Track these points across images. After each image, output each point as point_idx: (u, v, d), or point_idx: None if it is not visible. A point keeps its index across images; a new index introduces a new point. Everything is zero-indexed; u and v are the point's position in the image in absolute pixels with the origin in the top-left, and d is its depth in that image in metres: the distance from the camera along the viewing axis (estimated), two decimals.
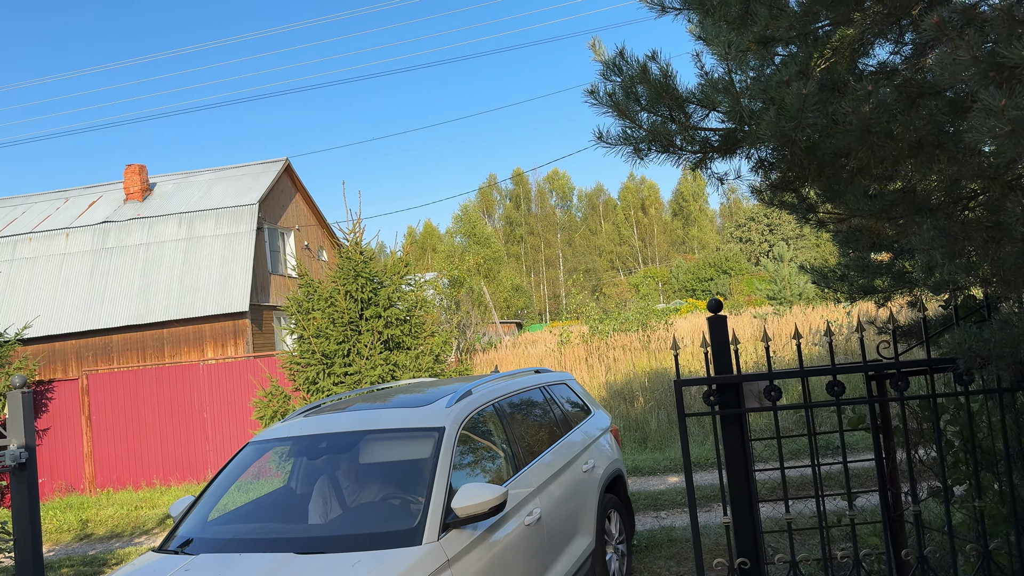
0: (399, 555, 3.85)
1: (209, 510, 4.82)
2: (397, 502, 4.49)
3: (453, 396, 5.07)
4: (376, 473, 4.82)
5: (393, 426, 4.85)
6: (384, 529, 4.18)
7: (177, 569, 4.01)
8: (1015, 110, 2.04)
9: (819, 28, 3.88)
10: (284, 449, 5.23)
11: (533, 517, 4.91)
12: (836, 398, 4.23)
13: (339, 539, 4.15)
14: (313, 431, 5.02)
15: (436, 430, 4.64)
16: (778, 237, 72.25)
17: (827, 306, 26.71)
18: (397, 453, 4.78)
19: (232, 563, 3.99)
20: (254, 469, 5.22)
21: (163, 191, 27.34)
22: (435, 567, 3.87)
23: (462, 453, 4.72)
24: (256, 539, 4.39)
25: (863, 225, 4.34)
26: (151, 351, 23.28)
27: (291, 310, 11.47)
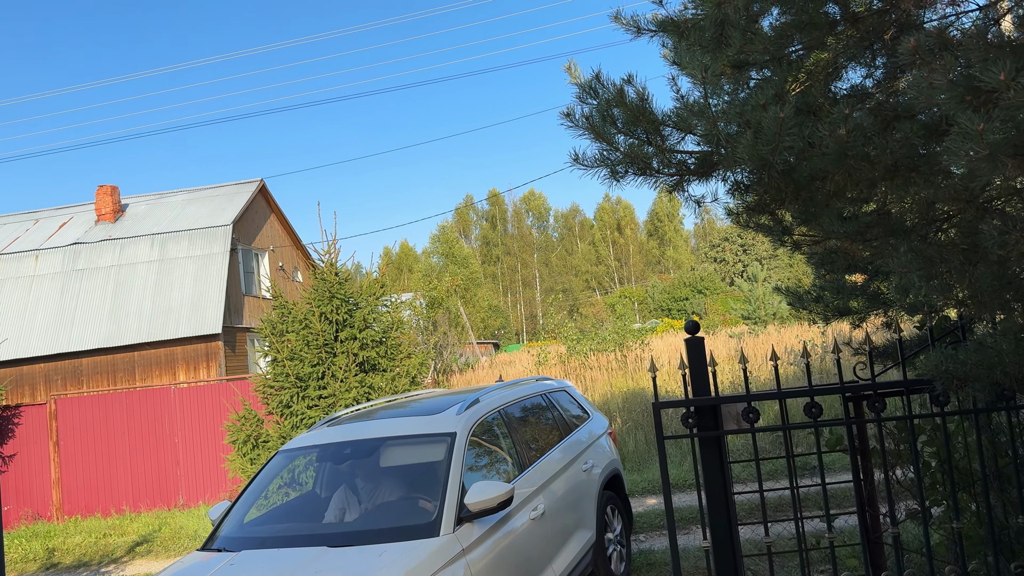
0: (419, 545, 4.31)
1: (244, 513, 5.27)
2: (414, 498, 4.92)
3: (462, 404, 5.56)
4: (396, 475, 5.26)
5: (409, 432, 5.35)
6: (405, 523, 4.64)
7: (223, 564, 4.41)
8: (993, 134, 2.04)
9: (792, 52, 3.91)
10: (312, 456, 5.65)
11: (538, 512, 5.36)
12: (814, 420, 4.22)
13: (366, 533, 4.57)
14: (337, 439, 5.52)
15: (448, 435, 5.12)
16: (751, 257, 72.98)
17: (801, 325, 26.93)
18: (414, 456, 5.24)
19: (272, 556, 4.41)
20: (284, 475, 5.75)
21: (136, 212, 27.03)
22: (451, 556, 4.33)
23: (472, 455, 5.18)
24: (291, 536, 4.80)
25: (838, 247, 4.36)
26: (122, 374, 22.88)
27: (265, 332, 11.32)
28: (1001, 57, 2.11)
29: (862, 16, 3.24)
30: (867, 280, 5.42)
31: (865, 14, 3.27)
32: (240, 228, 25.36)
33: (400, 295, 30.74)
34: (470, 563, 4.42)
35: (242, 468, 10.72)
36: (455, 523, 4.54)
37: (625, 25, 3.77)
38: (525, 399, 6.47)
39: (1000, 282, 3.01)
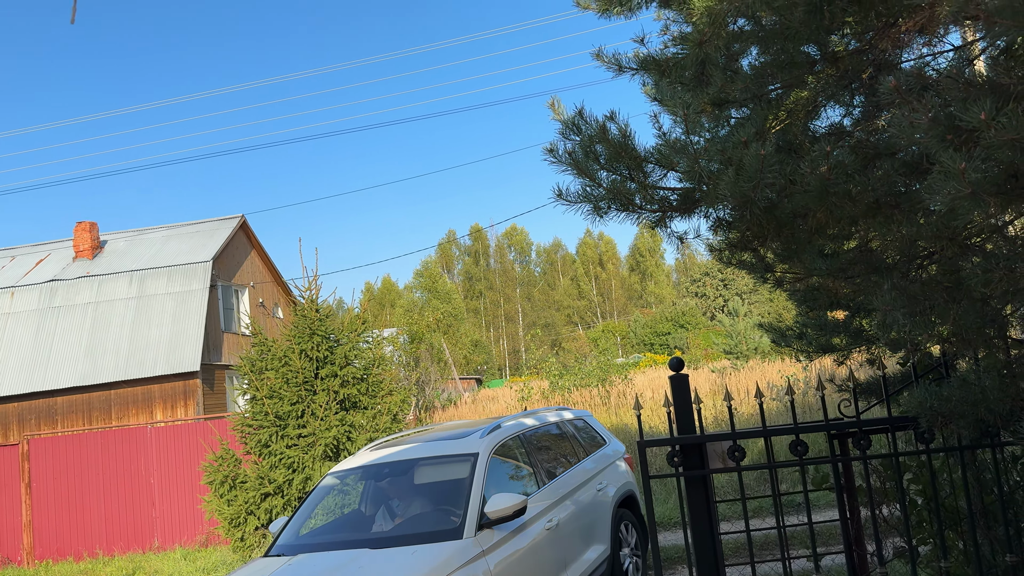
0: (446, 546, 5.08)
1: (300, 526, 6.13)
2: (443, 508, 5.72)
3: (485, 430, 6.38)
4: (427, 489, 6.10)
5: (439, 454, 6.18)
6: (435, 528, 5.41)
7: (283, 564, 5.25)
8: (974, 173, 2.05)
9: (772, 91, 3.94)
10: (357, 476, 6.54)
11: (552, 523, 6.05)
12: (800, 458, 4.18)
13: (402, 537, 5.40)
14: (378, 461, 6.36)
15: (472, 455, 5.93)
16: (732, 292, 73.40)
17: (783, 360, 27.00)
18: (442, 474, 6.08)
19: (323, 557, 5.24)
20: (334, 492, 6.60)
21: (114, 248, 26.80)
22: (472, 555, 5.08)
23: (492, 473, 5.92)
24: (339, 541, 5.64)
25: (820, 284, 4.36)
26: (97, 413, 22.48)
27: (244, 370, 11.17)
28: (981, 96, 2.12)
29: (841, 56, 3.27)
30: (849, 316, 5.43)
31: (844, 54, 3.30)
32: (220, 264, 25.18)
33: (382, 331, 30.56)
34: (488, 561, 5.19)
35: (218, 509, 10.50)
36: (476, 528, 5.30)
37: (607, 63, 3.80)
38: (544, 426, 7.27)
39: (983, 319, 3.01)
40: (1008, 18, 1.88)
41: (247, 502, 10.24)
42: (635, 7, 3.67)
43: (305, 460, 10.27)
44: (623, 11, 3.68)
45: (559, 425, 7.58)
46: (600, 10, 3.74)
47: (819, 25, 3.03)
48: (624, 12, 3.69)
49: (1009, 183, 2.14)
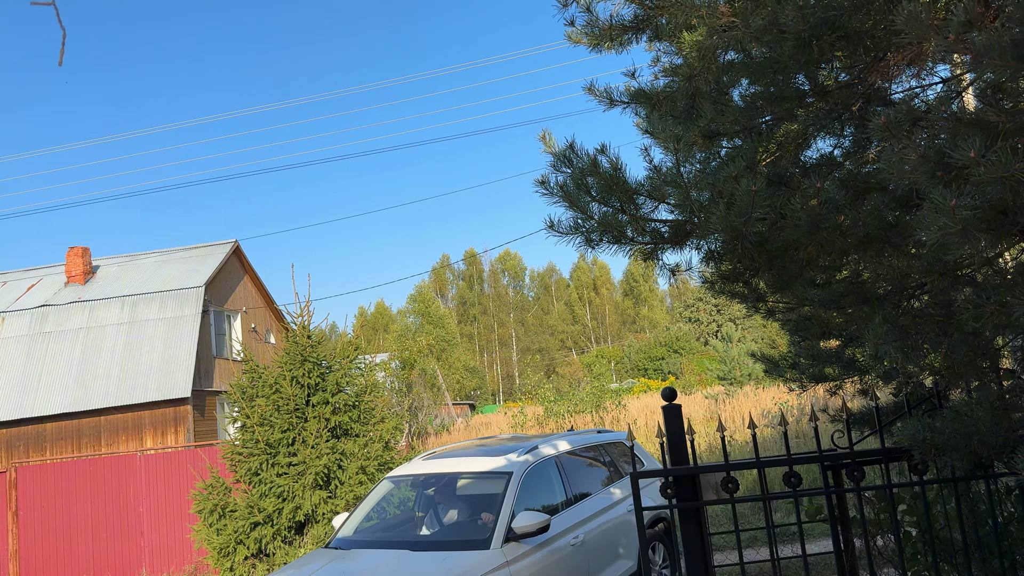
0: (474, 554, 5.68)
1: (357, 524, 6.92)
2: (476, 520, 6.36)
3: (523, 449, 6.96)
4: (466, 501, 6.77)
5: (478, 469, 6.84)
6: (466, 538, 6.10)
7: (337, 555, 6.07)
8: (965, 210, 2.05)
9: (762, 123, 3.97)
10: (408, 483, 7.28)
11: (579, 540, 6.58)
12: (794, 490, 4.15)
13: (438, 543, 6.11)
14: (427, 471, 7.08)
15: (507, 474, 6.51)
16: (725, 318, 73.43)
17: (777, 386, 26.96)
18: (480, 488, 6.74)
19: (370, 554, 6.00)
20: (389, 496, 7.40)
21: (106, 274, 26.71)
22: (497, 564, 5.64)
23: (524, 490, 6.48)
24: (386, 540, 6.42)
25: (812, 314, 4.36)
26: (87, 440, 22.27)
27: (234, 396, 11.08)
28: (970, 133, 2.13)
29: (831, 89, 3.29)
30: (841, 346, 5.42)
31: (833, 87, 3.33)
32: (212, 290, 25.11)
33: (375, 356, 30.43)
34: (511, 571, 5.73)
35: (207, 539, 10.36)
36: (503, 541, 5.88)
37: (599, 97, 3.82)
38: (581, 447, 7.74)
39: (975, 352, 3.01)
40: (996, 57, 1.90)
41: (236, 531, 10.12)
42: (626, 42, 3.70)
43: (295, 489, 10.17)
44: (614, 46, 3.70)
45: (596, 448, 8.05)
46: (591, 45, 3.76)
47: (808, 58, 3.05)
48: (615, 47, 3.72)
49: (999, 219, 2.14)
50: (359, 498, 10.09)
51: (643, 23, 3.59)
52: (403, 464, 7.57)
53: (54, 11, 1.96)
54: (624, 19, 3.59)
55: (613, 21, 3.60)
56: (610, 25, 3.60)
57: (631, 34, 3.66)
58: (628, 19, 3.58)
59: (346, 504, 10.27)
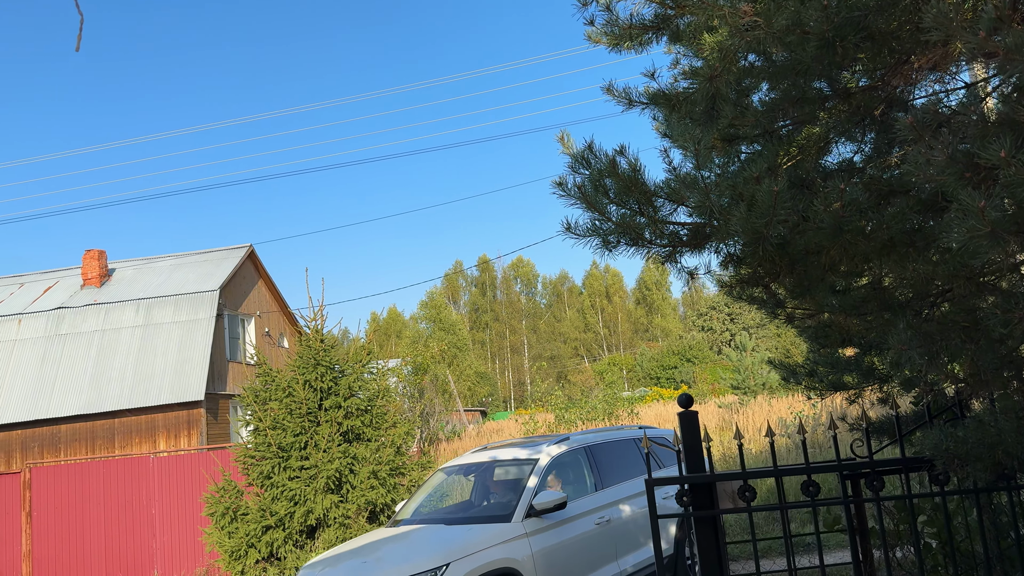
0: (497, 526, 6.80)
1: (417, 506, 8.09)
2: (505, 500, 7.40)
3: (554, 440, 8.09)
4: (500, 484, 7.87)
5: (512, 457, 7.92)
6: (493, 513, 7.19)
7: (390, 531, 7.44)
8: (994, 211, 2.00)
9: (782, 126, 3.92)
10: (457, 471, 8.50)
11: (603, 520, 7.53)
12: (812, 499, 4.08)
13: (471, 517, 7.24)
14: (473, 460, 8.31)
15: (534, 461, 7.58)
16: (739, 327, 72.99)
17: (791, 396, 26.77)
18: (512, 474, 7.80)
19: (415, 528, 7.30)
20: (443, 482, 8.56)
21: (122, 277, 26.88)
22: (516, 534, 6.76)
23: (551, 475, 7.50)
24: (431, 518, 7.58)
25: (832, 321, 4.30)
26: (101, 442, 22.37)
27: (247, 400, 11.09)
28: (1000, 134, 2.09)
29: (853, 92, 3.24)
30: (860, 354, 5.35)
31: (856, 90, 3.28)
32: (227, 294, 25.21)
33: (387, 361, 30.44)
34: (530, 541, 6.81)
35: (219, 542, 10.36)
36: (524, 516, 6.92)
37: (617, 97, 3.78)
38: (614, 441, 8.55)
39: (1001, 360, 2.94)
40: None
41: (248, 534, 10.11)
42: (646, 42, 3.66)
43: (307, 492, 10.15)
44: (633, 45, 3.67)
45: (634, 441, 8.87)
46: (611, 45, 3.73)
47: (831, 61, 3.01)
48: (635, 47, 3.68)
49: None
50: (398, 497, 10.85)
51: (663, 23, 3.55)
52: (455, 458, 8.93)
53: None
54: (644, 18, 3.56)
55: (633, 20, 3.58)
56: (630, 24, 3.57)
57: (651, 34, 3.62)
58: (648, 18, 3.55)
59: (357, 508, 10.24)
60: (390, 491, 10.50)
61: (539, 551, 6.81)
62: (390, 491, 10.50)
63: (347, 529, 10.11)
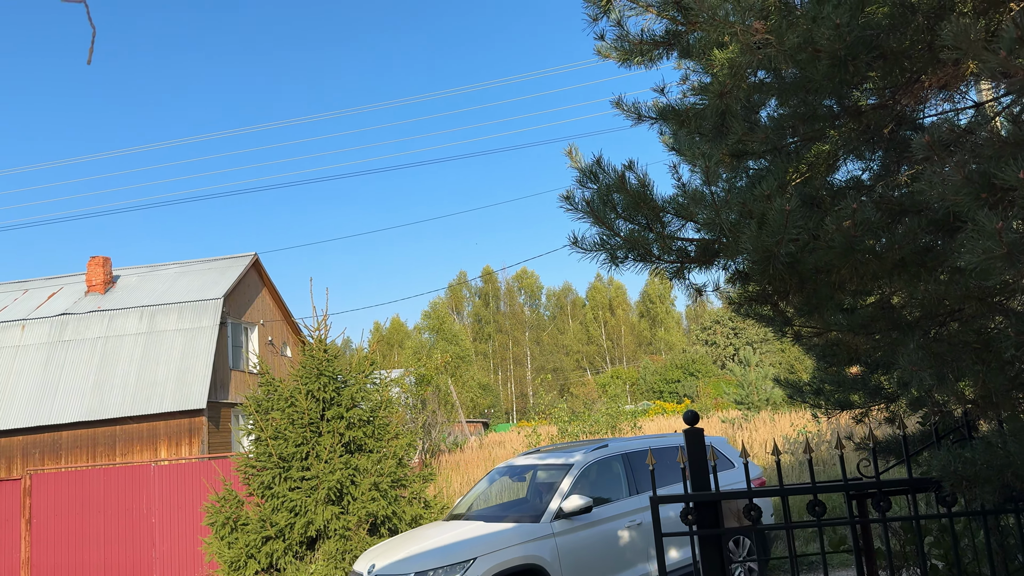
0: (528, 526, 7.44)
1: (466, 504, 8.88)
2: (538, 501, 8.08)
3: (591, 447, 8.62)
4: (537, 486, 8.65)
5: (549, 462, 8.58)
6: (525, 513, 7.86)
7: (441, 524, 8.28)
8: (1011, 233, 1.98)
9: (792, 143, 3.91)
10: (502, 473, 9.37)
11: (636, 522, 8.06)
12: (818, 519, 4.04)
13: (506, 516, 7.90)
14: (517, 463, 9.21)
15: (568, 466, 8.18)
16: (743, 341, 72.85)
17: (794, 412, 26.65)
18: (548, 477, 8.44)
19: (460, 523, 8.02)
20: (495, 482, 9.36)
21: (126, 284, 26.91)
22: (544, 534, 7.39)
23: (583, 479, 8.08)
24: (475, 515, 8.25)
25: (840, 339, 4.27)
26: (102, 449, 22.34)
27: (249, 409, 11.06)
28: (1017, 155, 2.07)
29: (864, 110, 3.23)
30: (867, 373, 5.31)
31: (866, 108, 3.26)
32: (231, 302, 25.22)
33: (390, 371, 30.39)
34: (556, 540, 7.41)
35: (219, 552, 10.31)
36: (553, 518, 7.54)
37: (626, 112, 3.77)
38: (654, 448, 8.86)
39: (1011, 381, 2.91)
40: None
41: (248, 545, 10.06)
42: (656, 58, 3.66)
43: (308, 503, 10.11)
44: (643, 61, 3.67)
45: (672, 448, 9.20)
46: (620, 60, 3.72)
47: (842, 79, 2.99)
48: (644, 62, 3.68)
49: None
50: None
51: (674, 39, 3.54)
52: (507, 460, 10.02)
53: (85, 8, 1.94)
54: (655, 34, 3.55)
55: (644, 36, 3.57)
56: (640, 40, 3.57)
57: (661, 49, 3.61)
58: (659, 34, 3.54)
59: (358, 520, 10.19)
60: (391, 503, 10.45)
61: (565, 550, 7.42)
62: (391, 503, 10.45)
63: (347, 541, 10.06)
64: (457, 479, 19.14)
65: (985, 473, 3.45)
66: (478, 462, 22.76)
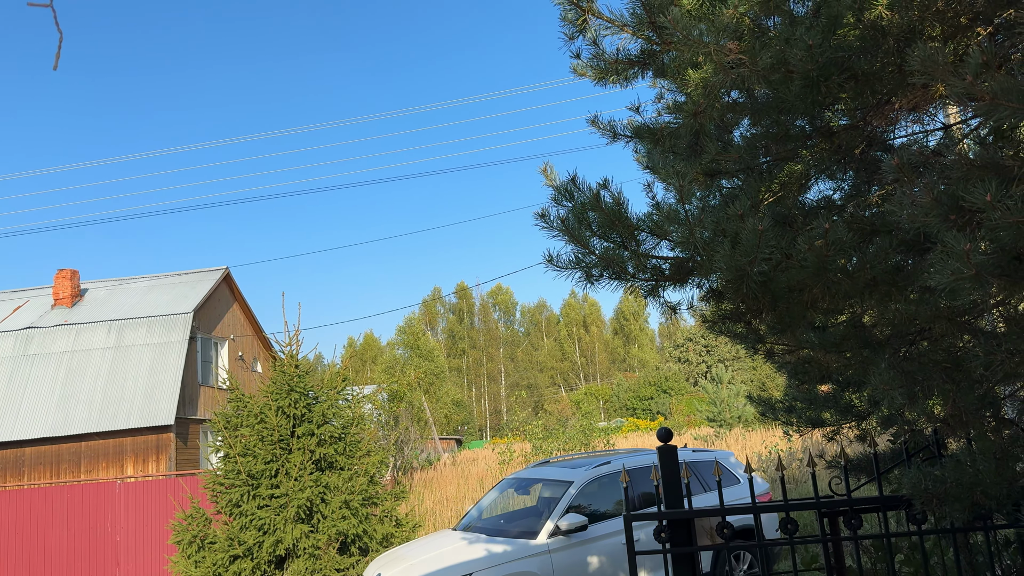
0: (524, 542, 7.63)
1: (473, 514, 9.24)
2: (537, 517, 8.18)
3: (592, 464, 8.73)
4: (539, 501, 8.80)
5: (552, 478, 8.72)
6: (523, 529, 7.99)
7: (448, 533, 8.59)
8: (979, 254, 2.00)
9: (764, 163, 3.94)
10: (508, 485, 9.53)
11: (638, 540, 7.67)
12: (790, 537, 4.05)
13: (505, 531, 8.11)
14: (524, 476, 9.40)
15: (568, 483, 8.29)
16: (715, 359, 73.35)
17: (766, 430, 26.83)
18: (550, 492, 8.58)
19: (463, 534, 8.28)
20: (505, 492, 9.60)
21: (95, 297, 26.49)
22: (539, 551, 7.55)
23: (583, 496, 8.24)
24: (480, 528, 8.51)
25: (812, 357, 4.30)
26: (67, 466, 21.87)
27: (218, 426, 10.89)
28: (985, 177, 2.10)
29: (835, 131, 3.27)
30: (838, 391, 5.35)
31: (838, 129, 3.30)
32: (201, 316, 24.91)
33: (363, 388, 30.13)
34: (552, 557, 7.56)
35: (186, 571, 10.10)
36: (549, 534, 7.67)
37: (602, 130, 3.78)
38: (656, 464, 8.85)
39: (980, 400, 2.95)
40: (1014, 101, 1.87)
41: (215, 564, 9.87)
42: (631, 77, 3.68)
43: (276, 522, 9.95)
44: (619, 80, 3.69)
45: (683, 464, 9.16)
46: (596, 78, 3.75)
47: (814, 100, 3.03)
48: (620, 81, 3.70)
49: (1013, 265, 2.10)
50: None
51: (649, 58, 3.57)
52: (517, 470, 10.19)
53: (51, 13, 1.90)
54: (631, 53, 3.58)
55: (619, 55, 3.59)
56: (616, 59, 3.59)
57: (637, 69, 3.64)
58: (635, 53, 3.57)
59: (328, 539, 10.05)
60: (362, 521, 10.32)
61: (561, 567, 7.59)
62: (362, 521, 10.32)
63: (317, 560, 9.91)
64: (429, 497, 18.99)
65: (954, 491, 3.48)
66: (451, 479, 22.62)
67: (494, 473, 22.32)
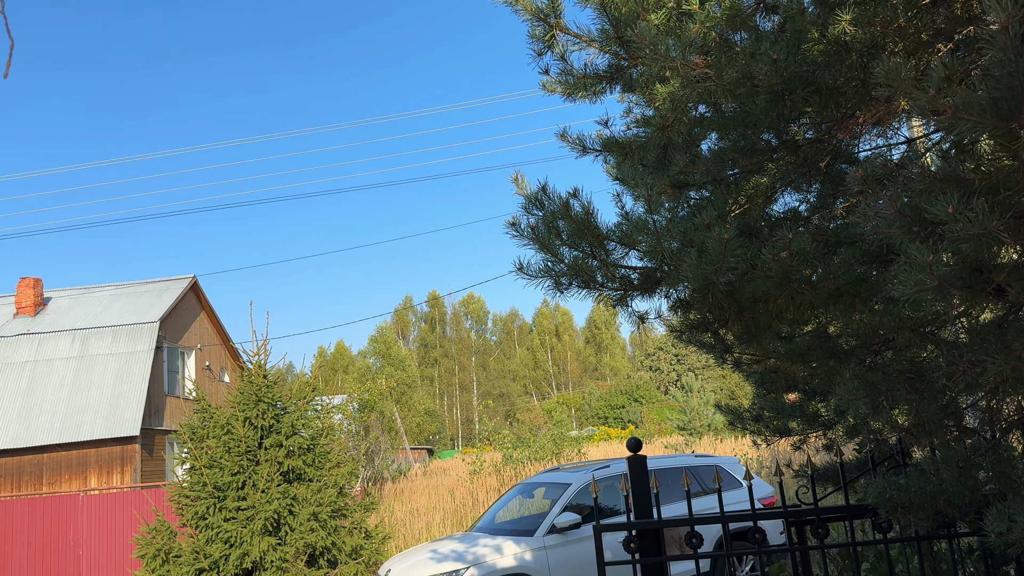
0: (522, 539, 8.37)
1: (491, 518, 9.96)
2: (536, 517, 8.98)
3: (592, 468, 9.62)
4: (540, 503, 9.56)
5: (552, 481, 9.63)
6: (523, 528, 8.77)
7: (461, 535, 9.14)
8: (941, 266, 2.03)
9: (731, 175, 3.98)
10: (518, 490, 10.43)
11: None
12: (758, 546, 4.07)
13: (506, 530, 8.81)
14: (531, 480, 10.35)
15: (567, 485, 9.08)
16: (685, 368, 73.87)
17: (735, 438, 27.03)
18: (550, 494, 9.38)
19: (478, 535, 8.85)
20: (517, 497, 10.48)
21: (58, 306, 26.00)
22: (537, 547, 8.26)
23: (580, 498, 8.93)
24: (487, 529, 9.18)
25: (778, 367, 4.34)
26: (28, 478, 21.39)
27: (184, 437, 10.72)
28: (947, 189, 2.13)
29: (801, 144, 3.31)
30: (804, 400, 5.41)
31: (803, 142, 3.35)
32: (168, 325, 24.55)
33: (333, 397, 29.89)
34: (548, 553, 8.24)
35: None
36: (546, 532, 8.43)
37: (571, 144, 3.80)
38: (661, 468, 9.55)
39: (943, 410, 2.99)
40: (975, 115, 1.90)
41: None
42: (600, 91, 3.70)
43: (243, 535, 9.81)
44: (587, 95, 3.70)
45: (680, 469, 9.75)
46: (565, 94, 3.76)
47: (780, 114, 3.07)
48: (588, 96, 3.72)
49: (973, 276, 2.13)
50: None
51: (617, 73, 3.59)
52: (535, 474, 11.19)
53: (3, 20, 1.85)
54: (599, 68, 3.59)
55: (588, 70, 3.61)
56: (584, 74, 3.60)
57: (605, 84, 3.66)
58: (603, 68, 3.58)
59: (296, 551, 9.93)
60: (331, 533, 10.20)
61: (556, 562, 8.28)
62: (331, 533, 10.20)
63: (284, 573, 9.78)
64: (400, 508, 18.86)
65: (919, 500, 3.53)
66: (422, 490, 22.47)
67: (465, 483, 22.22)
